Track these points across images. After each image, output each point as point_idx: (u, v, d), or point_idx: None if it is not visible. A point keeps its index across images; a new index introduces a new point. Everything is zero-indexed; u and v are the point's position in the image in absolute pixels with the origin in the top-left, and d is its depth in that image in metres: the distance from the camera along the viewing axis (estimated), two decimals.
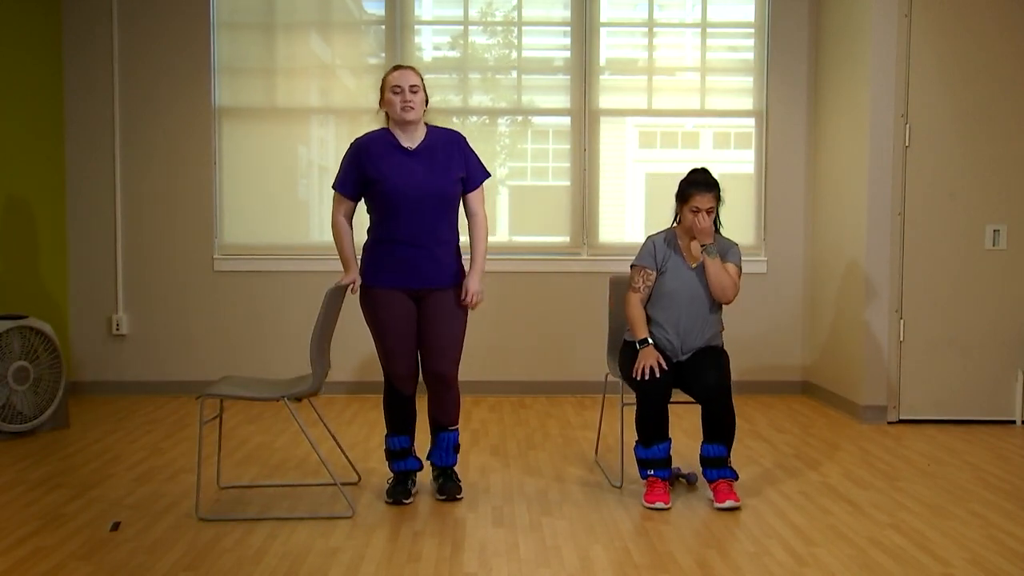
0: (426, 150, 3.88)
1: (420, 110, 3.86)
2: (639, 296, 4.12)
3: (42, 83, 5.94)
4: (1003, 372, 5.46)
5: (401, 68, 3.89)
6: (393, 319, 3.87)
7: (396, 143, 3.87)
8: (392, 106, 3.85)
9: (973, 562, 3.31)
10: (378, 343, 3.93)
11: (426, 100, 3.91)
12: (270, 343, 6.25)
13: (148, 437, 5.08)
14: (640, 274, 4.13)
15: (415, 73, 3.88)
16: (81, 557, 3.31)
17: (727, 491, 3.88)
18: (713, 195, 4.03)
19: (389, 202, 3.82)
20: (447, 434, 4.05)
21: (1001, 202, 5.43)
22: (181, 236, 6.24)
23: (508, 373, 6.28)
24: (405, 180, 3.81)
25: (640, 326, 4.06)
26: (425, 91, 3.91)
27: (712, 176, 4.08)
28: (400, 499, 3.92)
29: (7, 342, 4.98)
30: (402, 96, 3.82)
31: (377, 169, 3.83)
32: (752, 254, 6.31)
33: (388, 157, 3.85)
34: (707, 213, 4.02)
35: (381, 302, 3.87)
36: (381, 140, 3.89)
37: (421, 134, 3.91)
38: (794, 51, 6.27)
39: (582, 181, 6.33)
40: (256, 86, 6.29)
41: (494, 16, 6.36)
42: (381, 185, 3.82)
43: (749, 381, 6.28)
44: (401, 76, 3.85)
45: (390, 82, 3.86)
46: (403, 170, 3.82)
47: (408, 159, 3.85)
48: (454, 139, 3.95)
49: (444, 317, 3.90)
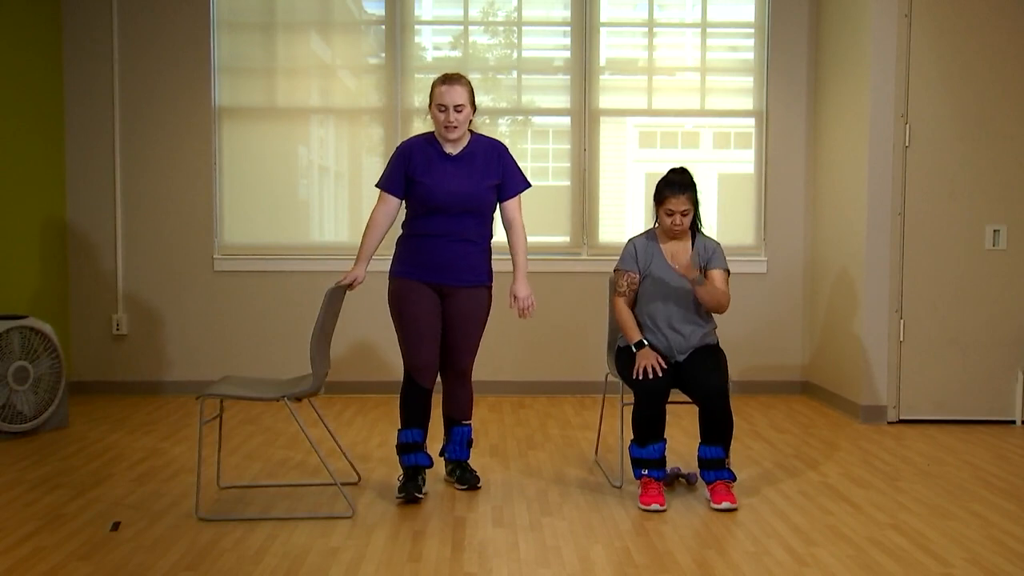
0: (467, 157, 4.00)
1: (464, 127, 3.97)
2: (625, 299, 4.13)
3: (42, 83, 5.94)
4: (1003, 372, 5.46)
5: (449, 83, 3.92)
6: (418, 310, 3.96)
7: (439, 149, 4.00)
8: (436, 122, 3.96)
9: (973, 562, 3.31)
10: (401, 334, 4.01)
11: (473, 110, 3.98)
12: (270, 343, 6.25)
13: (148, 437, 5.08)
14: (624, 278, 4.14)
15: (462, 89, 3.92)
16: (81, 557, 3.32)
17: (724, 492, 3.88)
18: (687, 197, 4.02)
19: (425, 202, 3.95)
20: (461, 428, 4.17)
21: (1001, 202, 5.42)
22: (181, 236, 6.24)
23: (508, 373, 6.28)
24: (442, 184, 3.93)
25: (632, 329, 4.06)
26: (473, 103, 3.97)
27: (688, 177, 4.06)
28: (413, 494, 3.93)
29: (7, 342, 4.98)
30: (446, 115, 3.91)
31: (418, 172, 3.96)
32: (752, 254, 6.31)
33: (431, 161, 3.97)
34: (682, 215, 4.02)
35: (407, 293, 3.97)
36: (426, 145, 4.02)
37: (464, 141, 4.03)
38: (794, 51, 6.27)
39: (582, 181, 6.33)
40: (256, 86, 6.29)
41: (494, 16, 6.36)
42: (420, 187, 3.94)
43: (749, 381, 6.28)
44: (448, 94, 3.89)
45: (436, 98, 3.93)
46: (442, 174, 3.95)
47: (449, 164, 3.97)
48: (495, 147, 4.07)
49: (468, 316, 4.03)
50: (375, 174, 6.41)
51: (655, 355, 3.95)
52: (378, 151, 6.32)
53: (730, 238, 6.11)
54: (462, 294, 4.01)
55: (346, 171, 6.47)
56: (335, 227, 6.42)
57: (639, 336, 4.04)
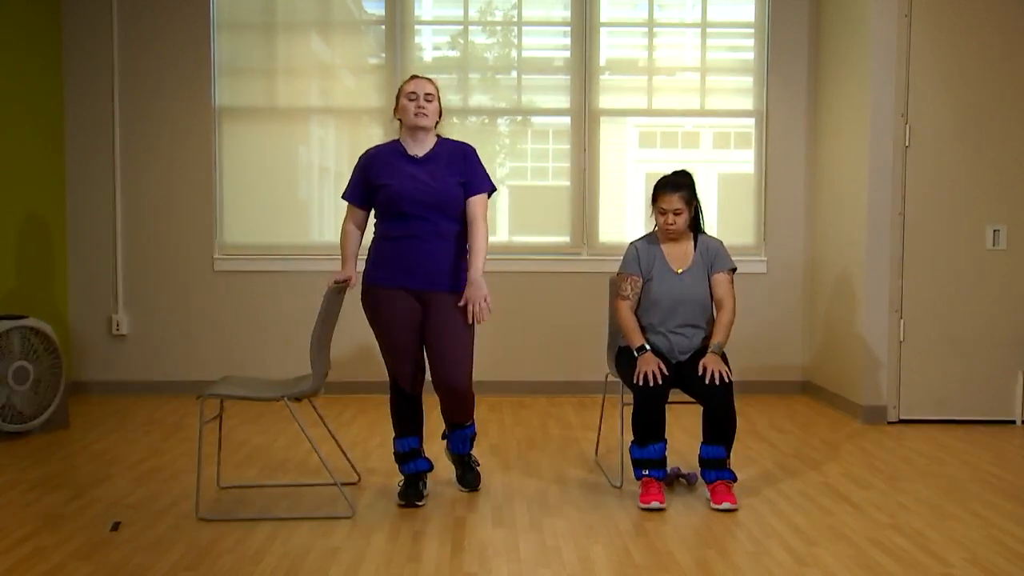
0: (432, 158, 3.92)
1: (433, 119, 3.94)
2: (629, 303, 4.12)
3: (42, 83, 5.94)
4: (1003, 372, 5.46)
5: (418, 78, 3.97)
6: (393, 317, 3.86)
7: (403, 151, 3.93)
8: (406, 112, 3.91)
9: (973, 562, 3.31)
10: (380, 342, 3.94)
11: (440, 112, 3.98)
12: (270, 343, 6.25)
13: (148, 437, 5.08)
14: (627, 281, 4.13)
15: (432, 84, 3.97)
16: (81, 557, 3.31)
17: (725, 492, 3.88)
18: (680, 196, 4.02)
19: (392, 205, 3.84)
20: (463, 432, 4.14)
21: (1001, 202, 5.42)
22: (181, 236, 6.24)
23: (508, 373, 6.28)
24: (407, 185, 3.84)
25: (634, 333, 4.06)
26: (440, 103, 3.98)
27: (684, 178, 4.06)
28: (413, 501, 3.92)
29: (7, 342, 4.98)
30: (416, 102, 3.89)
31: (382, 175, 3.88)
32: (752, 254, 6.31)
33: (394, 164, 3.90)
34: (674, 214, 4.02)
35: (381, 299, 3.88)
36: (388, 150, 3.97)
37: (431, 144, 3.95)
38: (794, 51, 6.27)
39: (582, 181, 6.33)
40: (256, 86, 6.29)
41: (494, 16, 6.35)
42: (385, 189, 3.85)
43: (749, 381, 6.28)
44: (417, 84, 3.93)
45: (406, 89, 3.94)
46: (407, 176, 3.86)
47: (413, 166, 3.89)
48: (461, 148, 3.98)
49: (448, 325, 3.84)
50: None
51: (657, 361, 3.94)
52: None
53: (730, 238, 6.09)
54: (441, 302, 3.84)
55: (346, 171, 6.41)
56: (335, 227, 6.41)
57: (641, 340, 4.03)
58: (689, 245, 4.13)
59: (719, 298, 4.10)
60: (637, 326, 4.08)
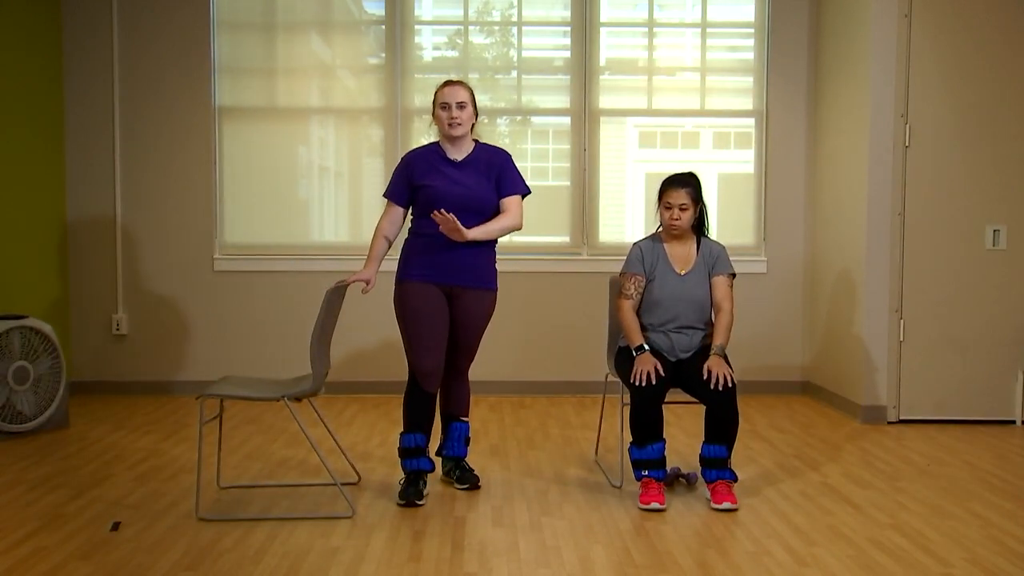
0: (472, 163, 4.05)
1: (467, 126, 4.04)
2: (631, 303, 4.12)
3: (42, 83, 5.94)
4: (1003, 372, 5.46)
5: (451, 84, 4.06)
6: (424, 311, 3.96)
7: (443, 155, 4.06)
8: (440, 122, 4.03)
9: (973, 562, 3.31)
10: (406, 336, 4.02)
11: (475, 114, 4.07)
12: (270, 343, 6.25)
13: (148, 437, 5.08)
14: (631, 280, 4.14)
15: (464, 89, 4.04)
16: (81, 557, 3.32)
17: (725, 492, 3.88)
18: (686, 192, 4.04)
19: (432, 204, 3.96)
20: (460, 424, 4.20)
21: (1001, 202, 5.42)
22: (181, 236, 6.24)
23: (508, 373, 6.28)
24: (448, 187, 3.97)
25: (635, 333, 4.06)
26: (475, 106, 4.06)
27: (691, 177, 4.09)
28: (413, 500, 3.93)
29: (7, 342, 4.98)
30: (449, 112, 3.99)
31: (424, 176, 4.01)
32: (752, 254, 6.31)
33: (435, 167, 4.02)
34: (680, 210, 4.03)
35: (413, 294, 3.98)
36: (429, 153, 4.09)
37: (468, 148, 4.08)
38: (794, 51, 6.27)
39: (582, 181, 6.33)
40: (256, 86, 6.29)
41: (494, 16, 6.35)
42: (426, 190, 3.98)
43: (749, 381, 6.27)
44: (449, 92, 4.02)
45: (439, 98, 4.04)
46: (448, 179, 3.99)
47: (454, 170, 4.03)
48: (499, 153, 4.13)
49: (474, 320, 4.09)
50: (375, 174, 6.47)
51: (654, 361, 3.94)
52: (378, 151, 6.32)
53: (730, 238, 6.09)
54: (469, 297, 4.04)
55: (346, 171, 6.47)
56: (335, 227, 6.42)
57: (640, 340, 4.04)
58: (692, 247, 4.13)
59: (718, 300, 4.10)
60: (638, 326, 4.09)
